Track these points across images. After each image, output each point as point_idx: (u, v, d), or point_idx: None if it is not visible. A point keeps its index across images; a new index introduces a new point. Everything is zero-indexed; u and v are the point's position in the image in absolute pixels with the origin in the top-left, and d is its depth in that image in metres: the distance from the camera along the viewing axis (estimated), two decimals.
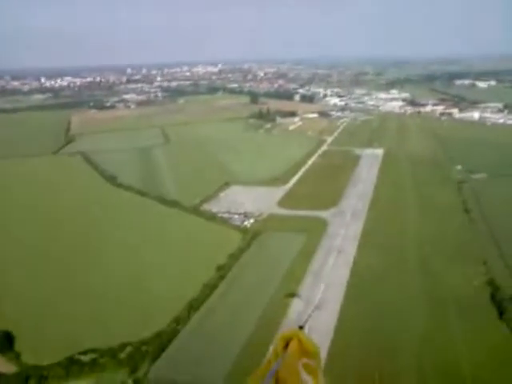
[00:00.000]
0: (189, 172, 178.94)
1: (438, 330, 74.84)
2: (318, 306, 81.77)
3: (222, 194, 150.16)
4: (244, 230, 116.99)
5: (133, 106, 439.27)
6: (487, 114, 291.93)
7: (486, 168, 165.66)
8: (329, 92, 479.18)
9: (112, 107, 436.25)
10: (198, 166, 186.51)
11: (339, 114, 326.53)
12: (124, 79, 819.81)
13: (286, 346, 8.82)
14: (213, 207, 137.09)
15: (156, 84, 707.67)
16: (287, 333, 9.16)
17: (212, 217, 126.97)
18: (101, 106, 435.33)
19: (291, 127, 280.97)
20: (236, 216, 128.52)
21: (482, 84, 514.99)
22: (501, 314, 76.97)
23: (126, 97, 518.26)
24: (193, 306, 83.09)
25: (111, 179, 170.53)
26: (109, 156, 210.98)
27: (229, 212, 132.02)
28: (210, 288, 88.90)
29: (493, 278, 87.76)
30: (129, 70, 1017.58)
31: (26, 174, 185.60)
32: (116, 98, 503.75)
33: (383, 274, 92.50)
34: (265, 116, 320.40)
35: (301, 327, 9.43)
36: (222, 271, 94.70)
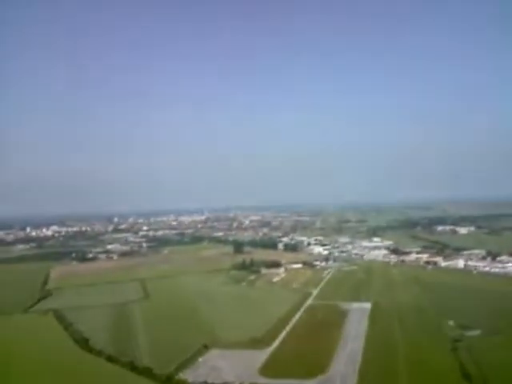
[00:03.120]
0: (165, 333, 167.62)
1: None
2: None
3: (199, 360, 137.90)
4: None
5: (115, 258, 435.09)
6: (472, 262, 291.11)
7: (479, 322, 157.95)
8: (312, 240, 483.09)
9: (94, 259, 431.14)
10: (175, 326, 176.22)
11: (323, 264, 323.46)
12: (110, 228, 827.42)
13: None
14: (189, 376, 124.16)
15: (142, 233, 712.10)
16: None
17: None
18: (82, 258, 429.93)
19: (275, 279, 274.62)
20: None
21: (462, 230, 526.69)
22: None
23: (110, 247, 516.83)
24: None
25: (82, 342, 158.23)
26: (83, 314, 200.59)
27: (206, 383, 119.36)
28: None
29: None
30: (115, 219, 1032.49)
31: None
32: (99, 249, 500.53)
33: None
34: (248, 267, 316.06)
35: None
36: None
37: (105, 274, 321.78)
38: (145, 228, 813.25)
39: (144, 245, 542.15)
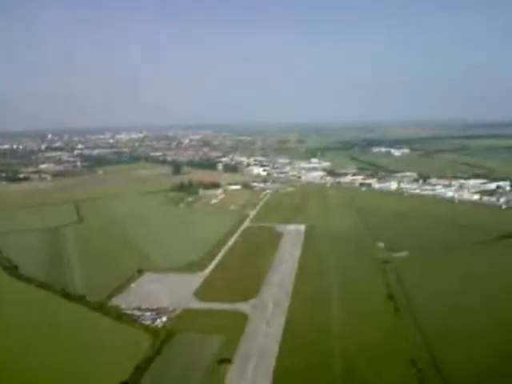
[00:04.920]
0: (100, 257, 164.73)
1: None
2: None
3: (133, 285, 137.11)
4: (155, 332, 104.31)
5: (49, 178, 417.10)
6: (404, 185, 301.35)
7: (407, 244, 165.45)
8: (252, 161, 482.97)
9: (25, 179, 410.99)
10: (110, 250, 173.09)
11: (262, 185, 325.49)
12: (43, 146, 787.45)
13: None
14: (122, 302, 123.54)
15: (77, 152, 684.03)
16: None
17: (119, 315, 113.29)
18: (13, 178, 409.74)
19: (213, 201, 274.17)
20: (147, 313, 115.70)
21: (396, 152, 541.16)
22: None
23: (43, 167, 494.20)
24: None
25: (11, 269, 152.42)
26: (13, 239, 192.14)
27: (139, 308, 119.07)
28: None
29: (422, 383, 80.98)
30: (49, 136, 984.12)
31: None
32: (31, 169, 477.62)
33: (306, 381, 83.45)
34: (187, 188, 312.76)
35: None
36: None
37: (37, 195, 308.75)
38: (80, 146, 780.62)
39: (79, 164, 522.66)
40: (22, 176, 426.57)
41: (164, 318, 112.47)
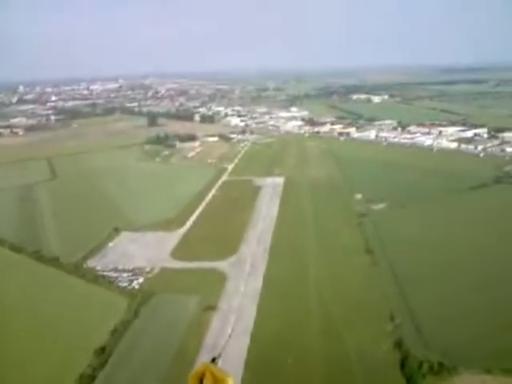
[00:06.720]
0: (75, 216, 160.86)
1: None
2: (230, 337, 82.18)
3: (110, 244, 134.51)
4: (132, 294, 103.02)
5: (21, 133, 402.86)
6: (383, 133, 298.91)
7: (386, 195, 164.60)
8: (230, 111, 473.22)
9: None
10: (85, 208, 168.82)
11: (240, 136, 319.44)
12: (14, 99, 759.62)
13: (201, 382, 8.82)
14: (98, 263, 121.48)
15: (50, 105, 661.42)
16: (199, 368, 9.10)
17: (95, 277, 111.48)
18: None
19: (190, 154, 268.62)
20: (124, 274, 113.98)
21: (376, 99, 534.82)
22: None
23: (14, 121, 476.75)
24: None
25: None
26: None
27: (116, 269, 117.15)
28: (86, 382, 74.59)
29: (401, 339, 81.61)
30: (21, 88, 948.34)
31: None
32: (2, 123, 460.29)
33: (284, 340, 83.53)
34: (163, 141, 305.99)
35: (213, 360, 9.51)
36: (102, 356, 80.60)
37: (9, 151, 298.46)
38: (53, 98, 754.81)
39: (52, 118, 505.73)
40: None
41: (141, 279, 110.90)
